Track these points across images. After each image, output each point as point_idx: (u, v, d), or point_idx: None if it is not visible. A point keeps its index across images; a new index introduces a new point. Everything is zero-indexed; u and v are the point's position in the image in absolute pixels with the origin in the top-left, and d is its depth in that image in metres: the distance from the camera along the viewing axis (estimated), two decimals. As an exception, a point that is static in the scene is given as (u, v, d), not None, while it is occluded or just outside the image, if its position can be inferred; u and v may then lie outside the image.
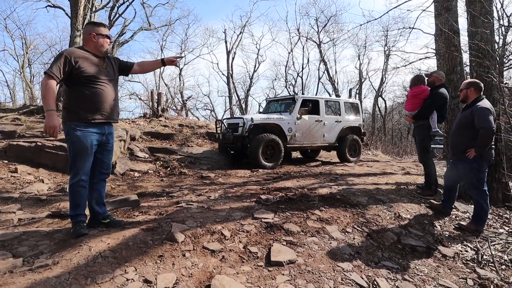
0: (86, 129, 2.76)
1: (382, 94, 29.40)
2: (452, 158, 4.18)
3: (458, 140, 3.92)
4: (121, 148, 7.72)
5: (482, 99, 3.81)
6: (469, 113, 3.78)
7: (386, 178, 5.88)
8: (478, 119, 3.63)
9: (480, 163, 3.74)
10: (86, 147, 2.76)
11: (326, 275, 2.50)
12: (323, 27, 26.80)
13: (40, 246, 2.62)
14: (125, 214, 3.65)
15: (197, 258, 2.54)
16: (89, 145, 2.77)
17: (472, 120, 3.69)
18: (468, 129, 3.76)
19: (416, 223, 3.85)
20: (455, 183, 4.18)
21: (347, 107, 9.72)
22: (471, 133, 3.71)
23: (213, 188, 5.10)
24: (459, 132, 3.93)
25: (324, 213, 3.68)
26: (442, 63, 6.13)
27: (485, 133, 3.58)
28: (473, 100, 3.84)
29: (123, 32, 19.32)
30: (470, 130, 3.74)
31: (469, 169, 3.82)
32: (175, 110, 19.19)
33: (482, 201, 3.76)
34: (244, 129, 7.77)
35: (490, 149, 3.75)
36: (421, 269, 2.85)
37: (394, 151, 18.20)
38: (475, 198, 3.86)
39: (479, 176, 3.78)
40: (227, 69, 28.42)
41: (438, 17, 6.23)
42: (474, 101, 3.83)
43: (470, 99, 3.89)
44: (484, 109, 3.64)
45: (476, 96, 3.84)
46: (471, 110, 3.76)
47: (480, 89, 3.87)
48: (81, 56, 2.75)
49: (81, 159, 2.77)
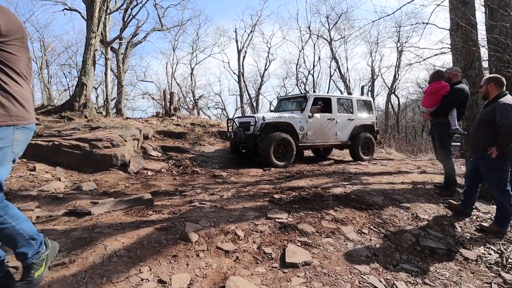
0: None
1: (395, 91, 28.98)
2: (472, 156, 4.04)
3: (478, 138, 3.77)
4: (135, 147, 7.78)
5: (505, 95, 3.62)
6: (490, 109, 3.61)
7: (401, 177, 5.76)
8: (500, 115, 3.46)
9: (503, 162, 3.57)
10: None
11: (342, 277, 2.44)
12: (334, 24, 26.48)
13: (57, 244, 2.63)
14: (139, 213, 3.65)
15: (211, 259, 2.52)
16: None
17: (494, 117, 3.53)
18: (489, 126, 3.61)
19: (435, 224, 3.74)
20: (475, 182, 4.04)
21: (359, 105, 9.60)
22: (492, 130, 3.55)
23: (226, 187, 5.08)
24: (479, 129, 3.78)
25: (339, 213, 3.61)
26: (459, 58, 5.97)
27: (507, 130, 3.40)
28: (495, 96, 3.67)
29: (136, 33, 19.55)
30: (490, 127, 3.58)
31: (491, 168, 3.66)
32: (187, 109, 19.33)
33: (505, 201, 3.60)
34: (256, 128, 7.73)
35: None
36: (442, 272, 2.76)
37: (409, 149, 17.88)
38: (498, 198, 3.71)
39: (502, 175, 3.61)
40: (238, 68, 28.40)
41: (453, 11, 6.07)
42: (496, 97, 3.66)
43: (492, 95, 3.71)
44: (507, 105, 3.46)
45: (497, 92, 3.67)
46: (492, 107, 3.59)
47: (501, 84, 3.69)
48: None
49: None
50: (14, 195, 4.48)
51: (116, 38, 16.95)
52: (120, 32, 18.65)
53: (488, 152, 3.58)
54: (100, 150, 6.65)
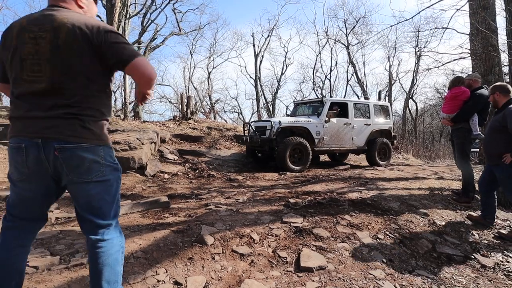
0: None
1: (413, 96, 28.54)
2: (487, 163, 3.99)
3: (492, 145, 3.75)
4: (152, 150, 7.92)
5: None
6: (500, 116, 3.63)
7: (418, 183, 5.68)
8: (510, 122, 3.47)
9: None
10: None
11: (357, 282, 2.43)
12: (352, 29, 26.37)
13: (76, 244, 2.72)
14: (155, 215, 3.72)
15: (226, 262, 2.55)
16: None
17: (505, 124, 3.53)
18: (501, 133, 3.61)
19: (452, 231, 3.68)
20: (491, 190, 3.96)
21: (376, 110, 9.51)
22: (505, 137, 3.55)
23: (241, 191, 5.11)
24: (492, 137, 3.77)
25: (355, 218, 3.59)
26: (479, 63, 5.88)
27: None
28: (504, 103, 3.69)
29: (155, 37, 19.93)
30: (503, 134, 3.58)
31: (506, 175, 3.63)
32: (204, 113, 19.53)
33: None
34: (272, 132, 7.76)
35: None
36: (458, 279, 2.71)
37: (426, 155, 17.56)
38: None
39: None
40: (254, 72, 28.56)
41: (473, 16, 5.98)
42: (505, 104, 3.68)
43: (500, 103, 3.73)
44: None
45: (505, 100, 3.69)
46: (502, 114, 3.61)
47: (507, 91, 3.71)
48: None
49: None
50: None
51: (135, 42, 17.34)
52: (139, 37, 19.07)
53: (503, 159, 3.55)
54: (118, 153, 6.79)
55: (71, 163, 1.51)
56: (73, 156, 1.51)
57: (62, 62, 1.49)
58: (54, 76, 1.48)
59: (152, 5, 18.66)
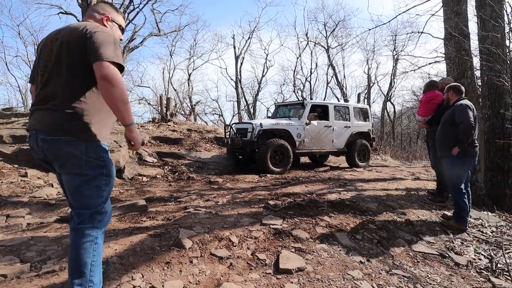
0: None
1: (391, 98, 29.12)
2: (439, 155, 4.27)
3: (443, 138, 4.08)
4: (130, 152, 7.76)
5: (463, 99, 4.00)
6: (450, 111, 3.98)
7: (396, 184, 5.80)
8: (457, 114, 3.82)
9: (463, 160, 3.85)
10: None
11: (336, 283, 2.44)
12: (332, 32, 26.68)
13: (48, 251, 2.62)
14: (132, 219, 3.64)
15: (205, 265, 2.52)
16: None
17: (453, 117, 3.87)
18: (451, 127, 3.92)
19: (427, 230, 3.77)
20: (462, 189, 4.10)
21: (356, 112, 9.67)
22: (454, 130, 3.86)
23: (221, 193, 5.08)
24: (443, 131, 4.08)
25: (333, 219, 3.62)
26: (452, 67, 6.06)
27: (465, 127, 3.73)
28: (454, 101, 4.04)
29: (133, 38, 19.52)
30: (453, 128, 3.88)
31: (451, 165, 3.93)
32: (184, 115, 19.31)
33: (459, 198, 3.88)
34: (253, 134, 7.74)
35: (473, 147, 3.89)
36: (433, 277, 2.77)
37: (404, 156, 17.97)
38: (453, 195, 4.01)
39: (460, 173, 3.89)
40: (235, 74, 28.49)
41: (447, 21, 6.17)
42: (455, 101, 4.02)
43: (452, 101, 4.11)
44: (463, 105, 3.84)
45: (456, 98, 4.05)
46: (452, 109, 3.96)
47: (460, 92, 4.08)
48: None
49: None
50: (4, 201, 4.41)
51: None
52: (117, 37, 18.60)
53: (452, 151, 3.85)
54: (96, 156, 6.61)
55: (51, 154, 1.68)
56: (52, 148, 1.65)
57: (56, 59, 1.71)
58: (50, 72, 1.70)
59: (130, 5, 18.29)
